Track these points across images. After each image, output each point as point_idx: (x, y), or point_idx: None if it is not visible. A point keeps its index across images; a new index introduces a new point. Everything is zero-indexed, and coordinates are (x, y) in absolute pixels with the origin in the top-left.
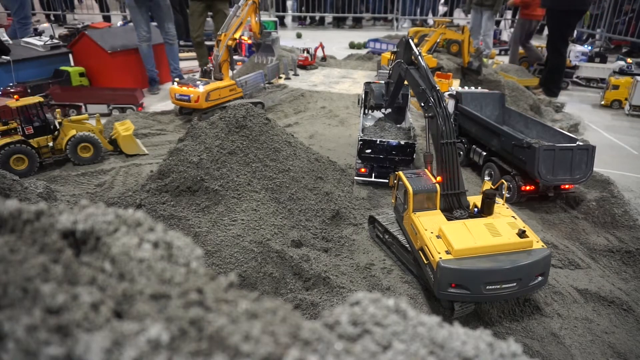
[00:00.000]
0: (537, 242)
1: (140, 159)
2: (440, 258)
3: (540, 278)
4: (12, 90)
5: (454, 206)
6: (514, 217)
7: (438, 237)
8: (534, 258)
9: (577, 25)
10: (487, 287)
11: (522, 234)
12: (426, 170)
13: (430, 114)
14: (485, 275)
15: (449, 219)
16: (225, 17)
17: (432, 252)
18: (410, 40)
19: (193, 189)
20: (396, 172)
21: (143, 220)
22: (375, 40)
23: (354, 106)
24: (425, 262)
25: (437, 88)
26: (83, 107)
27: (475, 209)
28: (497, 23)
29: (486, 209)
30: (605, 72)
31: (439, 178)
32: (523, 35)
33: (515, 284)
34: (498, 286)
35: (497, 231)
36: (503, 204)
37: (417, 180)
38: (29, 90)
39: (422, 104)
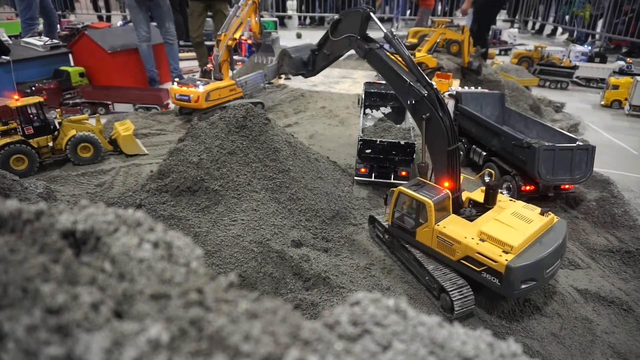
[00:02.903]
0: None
1: (140, 159)
2: (507, 260)
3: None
4: (45, 86)
5: (456, 206)
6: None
7: (482, 240)
8: (563, 231)
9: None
10: (546, 271)
11: (544, 213)
12: (422, 179)
13: (426, 115)
14: (546, 261)
15: (469, 220)
16: (224, 17)
17: (490, 257)
18: (372, 15)
19: (193, 189)
20: (395, 189)
21: (143, 220)
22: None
23: (354, 106)
24: (478, 269)
25: (433, 84)
26: (111, 105)
27: (470, 204)
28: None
29: (491, 200)
30: (605, 72)
31: (446, 184)
32: (426, 22)
33: (559, 260)
34: (553, 267)
35: (527, 218)
36: (500, 192)
37: (428, 192)
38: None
39: (413, 102)
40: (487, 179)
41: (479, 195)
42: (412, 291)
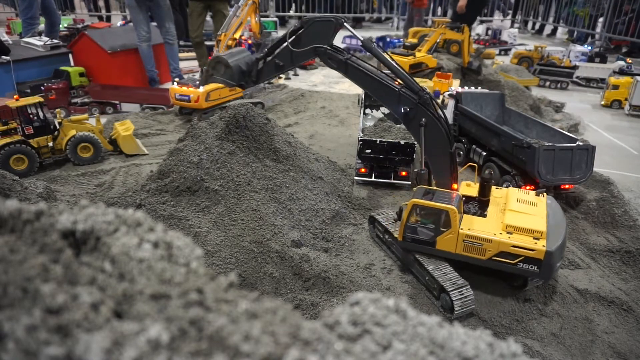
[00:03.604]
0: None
1: (140, 159)
2: (543, 246)
3: None
4: (53, 86)
5: None
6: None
7: (509, 233)
8: (558, 205)
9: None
10: (565, 248)
11: (539, 194)
12: (427, 187)
13: (423, 120)
14: (565, 238)
15: (477, 215)
16: (224, 17)
17: (526, 247)
18: (346, 25)
19: (193, 189)
20: (407, 203)
21: (143, 220)
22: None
23: (354, 106)
24: (513, 261)
25: (425, 89)
26: (119, 105)
27: (462, 200)
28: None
29: (487, 192)
30: (605, 72)
31: (454, 186)
32: (412, 21)
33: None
34: (566, 242)
35: (532, 202)
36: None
37: (443, 198)
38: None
39: (406, 110)
40: (486, 171)
41: (466, 190)
42: (412, 291)
